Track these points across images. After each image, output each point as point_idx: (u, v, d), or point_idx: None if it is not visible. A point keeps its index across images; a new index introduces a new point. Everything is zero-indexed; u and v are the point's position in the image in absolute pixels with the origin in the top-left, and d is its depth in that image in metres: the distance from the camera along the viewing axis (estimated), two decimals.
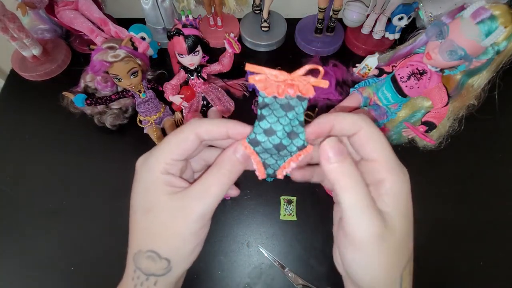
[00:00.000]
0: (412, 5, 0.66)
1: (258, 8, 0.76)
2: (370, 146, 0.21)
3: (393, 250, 0.20)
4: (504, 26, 0.36)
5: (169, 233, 0.21)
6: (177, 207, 0.21)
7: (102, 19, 0.65)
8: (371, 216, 0.19)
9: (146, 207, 0.22)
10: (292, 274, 0.51)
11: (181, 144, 0.22)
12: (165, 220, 0.21)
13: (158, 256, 0.21)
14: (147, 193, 0.22)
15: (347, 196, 0.19)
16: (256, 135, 0.21)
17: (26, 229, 0.56)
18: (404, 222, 0.21)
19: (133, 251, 0.22)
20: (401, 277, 0.21)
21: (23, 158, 0.62)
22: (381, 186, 0.20)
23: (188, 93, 0.59)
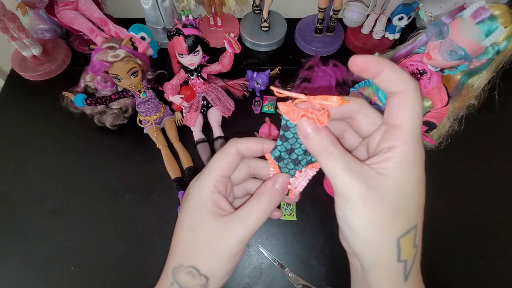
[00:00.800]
0: (412, 5, 0.66)
1: (258, 8, 0.76)
2: (402, 111, 0.20)
3: (382, 212, 0.20)
4: (504, 26, 0.36)
5: (211, 252, 0.23)
6: (221, 229, 0.23)
7: (102, 19, 0.65)
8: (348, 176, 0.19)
9: (193, 224, 0.23)
10: (292, 274, 0.51)
11: (226, 158, 0.24)
12: (209, 240, 0.23)
13: (199, 272, 0.23)
14: (196, 211, 0.24)
15: (324, 162, 0.21)
16: (281, 153, 0.24)
17: (26, 229, 0.56)
18: (405, 189, 0.20)
19: (173, 264, 0.24)
20: (398, 244, 0.20)
21: (23, 158, 0.62)
22: (390, 152, 0.20)
23: (188, 93, 0.59)
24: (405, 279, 0.21)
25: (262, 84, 0.65)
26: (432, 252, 0.49)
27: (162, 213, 0.56)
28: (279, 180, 0.24)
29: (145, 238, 0.55)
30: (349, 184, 0.20)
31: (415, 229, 0.21)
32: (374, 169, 0.20)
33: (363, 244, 0.21)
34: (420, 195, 0.21)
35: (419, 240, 0.22)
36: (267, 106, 0.66)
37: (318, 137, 0.21)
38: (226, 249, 0.23)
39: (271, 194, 0.24)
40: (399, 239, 0.20)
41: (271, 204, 0.23)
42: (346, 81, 0.64)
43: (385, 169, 0.20)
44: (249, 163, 0.26)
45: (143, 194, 0.58)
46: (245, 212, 0.23)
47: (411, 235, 0.21)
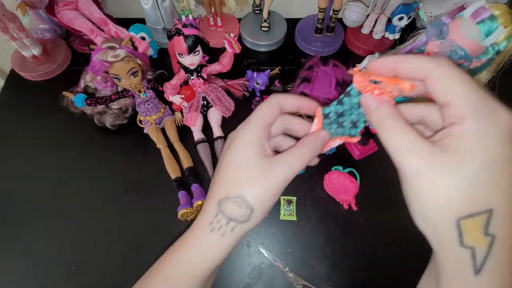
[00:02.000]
0: (412, 5, 0.66)
1: (258, 8, 0.76)
2: (440, 90, 0.19)
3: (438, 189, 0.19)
4: (504, 26, 0.36)
5: (258, 185, 0.24)
6: (267, 166, 0.25)
7: (102, 19, 0.65)
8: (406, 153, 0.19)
9: (241, 160, 0.25)
10: (292, 274, 0.51)
11: (271, 109, 0.27)
12: (257, 174, 0.24)
13: (245, 202, 0.24)
14: (244, 149, 0.25)
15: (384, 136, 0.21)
16: (330, 113, 0.26)
17: (26, 229, 0.56)
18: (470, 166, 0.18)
19: (219, 197, 0.25)
20: (457, 226, 0.18)
21: (23, 158, 0.62)
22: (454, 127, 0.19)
23: (188, 93, 0.59)
24: (476, 272, 0.19)
25: (262, 84, 0.65)
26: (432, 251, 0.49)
27: (162, 213, 0.56)
28: (321, 135, 0.27)
29: (145, 238, 0.55)
30: (405, 159, 0.19)
31: (487, 214, 0.18)
32: (436, 145, 0.19)
33: (423, 221, 0.20)
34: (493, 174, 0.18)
35: (497, 229, 0.18)
36: None
37: (379, 111, 0.22)
38: (271, 186, 0.24)
39: (313, 145, 0.26)
40: (459, 221, 0.18)
41: (311, 153, 0.26)
42: (346, 81, 0.64)
43: (447, 146, 0.19)
44: (284, 118, 0.28)
45: (143, 194, 0.58)
46: (288, 156, 0.25)
47: (478, 219, 0.18)
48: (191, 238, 0.27)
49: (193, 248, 0.26)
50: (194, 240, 0.27)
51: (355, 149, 0.61)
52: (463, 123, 0.18)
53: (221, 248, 0.26)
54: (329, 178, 0.56)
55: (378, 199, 0.57)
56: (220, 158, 0.27)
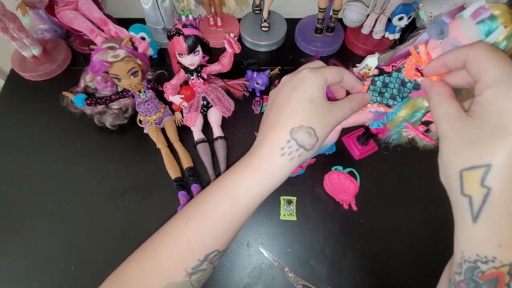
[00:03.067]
0: (412, 5, 0.66)
1: (258, 8, 0.76)
2: (472, 70, 0.23)
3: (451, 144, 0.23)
4: (504, 26, 0.36)
5: (323, 121, 0.29)
6: (330, 108, 0.29)
7: (102, 19, 0.65)
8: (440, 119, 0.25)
9: (312, 97, 0.29)
10: (292, 274, 0.51)
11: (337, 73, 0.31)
12: (323, 112, 0.29)
13: (315, 133, 0.28)
14: (314, 89, 0.29)
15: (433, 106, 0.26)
16: (377, 80, 0.33)
17: (26, 229, 0.56)
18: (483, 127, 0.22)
19: (292, 125, 0.28)
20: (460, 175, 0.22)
21: (23, 158, 0.62)
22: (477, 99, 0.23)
23: (188, 93, 0.59)
24: (473, 220, 0.22)
25: (262, 84, 0.65)
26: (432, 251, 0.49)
27: (162, 213, 0.56)
28: (366, 96, 0.33)
29: (145, 238, 0.55)
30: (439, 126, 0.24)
31: (485, 168, 0.21)
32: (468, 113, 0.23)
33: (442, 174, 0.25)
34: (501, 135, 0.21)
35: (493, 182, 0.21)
36: None
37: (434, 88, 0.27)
38: (332, 123, 0.29)
39: (360, 100, 0.32)
40: (461, 171, 0.22)
41: (357, 107, 0.32)
42: None
43: (472, 112, 0.23)
44: None
45: (143, 194, 0.58)
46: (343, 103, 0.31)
47: (478, 171, 0.21)
48: (259, 158, 0.29)
49: (262, 168, 0.29)
50: (261, 160, 0.29)
51: (355, 149, 0.61)
52: (483, 93, 0.22)
53: (287, 171, 0.29)
54: (329, 178, 0.56)
55: (378, 199, 0.57)
56: (280, 94, 0.30)
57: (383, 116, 0.54)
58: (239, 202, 0.29)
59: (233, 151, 0.62)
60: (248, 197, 0.29)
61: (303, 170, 0.59)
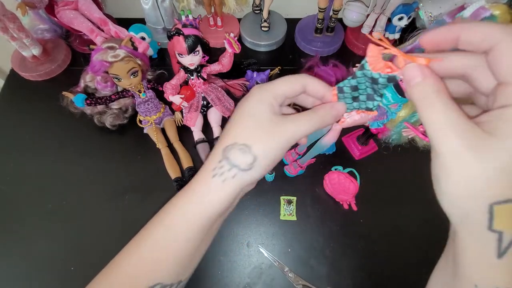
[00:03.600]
0: (412, 5, 0.66)
1: (258, 8, 0.76)
2: (503, 66, 0.18)
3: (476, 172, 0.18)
4: None
5: (265, 136, 0.25)
6: (276, 122, 0.25)
7: (102, 19, 0.65)
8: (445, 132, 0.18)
9: (252, 112, 0.26)
10: (292, 274, 0.51)
11: (293, 84, 0.27)
12: (266, 126, 0.25)
13: (250, 150, 0.25)
14: (256, 104, 0.26)
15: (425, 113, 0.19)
16: (344, 86, 0.26)
17: (26, 229, 0.56)
18: None
19: (225, 144, 0.26)
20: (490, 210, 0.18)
21: (23, 158, 0.62)
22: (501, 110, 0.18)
23: (188, 93, 0.59)
24: (498, 256, 0.19)
25: None
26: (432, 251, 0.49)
27: None
28: (337, 106, 0.27)
29: None
30: (444, 139, 0.18)
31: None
32: (481, 127, 0.18)
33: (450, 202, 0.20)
34: None
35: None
36: None
37: (423, 84, 0.19)
38: (278, 139, 0.25)
39: (325, 112, 0.26)
40: (492, 205, 0.18)
41: (322, 121, 0.26)
42: None
43: (494, 129, 0.17)
44: None
45: (143, 194, 0.58)
46: (299, 116, 0.26)
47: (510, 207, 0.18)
48: (193, 183, 0.27)
49: (193, 193, 0.27)
50: (195, 185, 0.27)
51: (355, 149, 0.61)
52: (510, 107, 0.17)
53: (221, 195, 0.25)
54: (329, 178, 0.56)
55: (378, 199, 0.57)
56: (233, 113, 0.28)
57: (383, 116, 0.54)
58: (170, 230, 0.27)
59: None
60: (181, 225, 0.26)
61: (303, 170, 0.59)
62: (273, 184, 0.59)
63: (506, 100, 0.18)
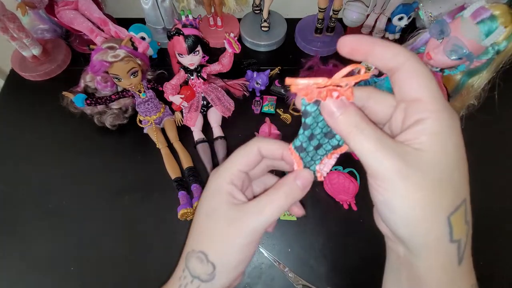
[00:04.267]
0: (412, 5, 0.66)
1: (258, 8, 0.76)
2: (413, 84, 0.18)
3: (426, 189, 0.18)
4: (504, 26, 0.36)
5: (220, 238, 0.22)
6: (233, 217, 0.22)
7: (102, 19, 0.65)
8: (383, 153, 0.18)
9: (208, 211, 0.23)
10: (292, 274, 0.51)
11: (247, 156, 0.24)
12: (221, 226, 0.22)
13: (206, 258, 0.22)
14: (212, 198, 0.24)
15: (354, 142, 0.19)
16: (302, 143, 0.22)
17: (26, 229, 0.56)
18: (448, 161, 0.18)
19: (187, 249, 0.24)
20: (449, 222, 0.18)
21: (23, 158, 0.62)
22: (420, 124, 0.18)
23: (188, 93, 0.59)
24: (459, 262, 0.19)
25: (262, 84, 0.65)
26: None
27: (162, 213, 0.56)
28: (301, 176, 0.23)
29: (145, 238, 0.55)
30: (385, 162, 0.18)
31: (464, 204, 0.19)
32: (407, 145, 0.18)
33: (409, 226, 0.19)
34: (464, 165, 0.19)
35: (469, 215, 0.20)
36: (267, 106, 0.66)
37: (346, 115, 0.19)
38: (236, 238, 0.22)
39: (290, 188, 0.22)
40: (449, 217, 0.18)
41: (288, 198, 0.22)
42: None
43: (420, 143, 0.18)
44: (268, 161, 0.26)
45: (143, 194, 0.58)
46: (260, 203, 0.22)
47: (461, 210, 0.19)
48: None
49: None
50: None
51: None
52: (434, 119, 0.18)
53: None
54: (329, 178, 0.56)
55: None
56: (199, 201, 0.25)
57: None
58: None
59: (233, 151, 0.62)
60: None
61: None
62: None
63: (420, 115, 0.18)
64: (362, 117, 0.19)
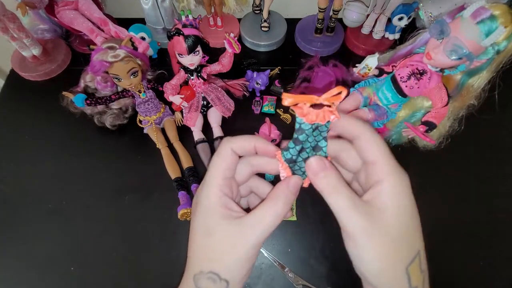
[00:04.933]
0: (412, 5, 0.66)
1: (258, 8, 0.76)
2: (370, 150, 0.23)
3: (387, 243, 0.21)
4: (504, 26, 0.36)
5: (229, 256, 0.23)
6: (236, 232, 0.23)
7: (102, 19, 0.65)
8: (354, 213, 0.21)
9: (207, 230, 0.24)
10: (292, 274, 0.51)
11: (224, 160, 0.25)
12: (226, 244, 0.23)
13: (219, 277, 0.23)
14: (207, 216, 0.24)
15: (332, 201, 0.22)
16: (292, 156, 0.24)
17: (26, 229, 0.56)
18: (403, 219, 0.22)
19: (193, 271, 0.24)
20: (407, 273, 0.22)
21: (23, 158, 0.62)
22: (379, 186, 0.22)
23: (188, 93, 0.59)
24: None
25: (262, 84, 0.65)
26: (432, 252, 0.49)
27: (162, 213, 0.56)
28: (292, 183, 0.25)
29: (145, 238, 0.55)
30: (355, 221, 0.21)
31: (419, 255, 0.22)
32: (371, 205, 0.22)
33: (375, 276, 0.22)
34: (417, 221, 0.23)
35: (424, 264, 0.23)
36: (267, 106, 0.66)
37: (327, 177, 0.23)
38: (243, 253, 0.23)
39: (285, 196, 0.24)
40: (407, 268, 0.22)
41: (285, 206, 0.24)
42: (346, 81, 0.64)
43: (380, 203, 0.22)
44: (250, 161, 0.27)
45: (143, 194, 0.58)
46: (259, 215, 0.23)
47: (416, 261, 0.22)
48: None
49: None
50: None
51: None
52: (385, 181, 0.22)
53: None
54: None
55: None
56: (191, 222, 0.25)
57: (383, 116, 0.54)
58: None
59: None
60: None
61: None
62: (273, 184, 0.59)
63: (377, 176, 0.22)
64: (339, 179, 0.23)
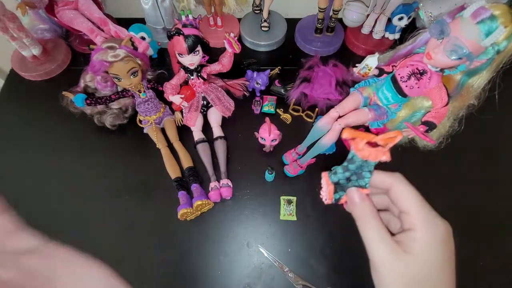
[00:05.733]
0: (412, 5, 0.66)
1: (258, 8, 0.76)
2: (401, 201, 0.25)
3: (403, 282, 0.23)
4: (504, 26, 0.36)
5: None
6: None
7: (102, 19, 0.65)
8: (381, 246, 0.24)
9: None
10: (292, 274, 0.51)
11: None
12: None
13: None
14: None
15: (364, 228, 0.25)
16: (339, 180, 0.28)
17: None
18: (427, 266, 0.23)
19: None
20: None
21: (23, 158, 0.62)
22: (411, 233, 0.24)
23: (188, 93, 0.59)
24: None
25: (262, 84, 0.65)
26: None
27: (162, 213, 0.56)
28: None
29: (145, 238, 0.55)
30: (381, 253, 0.24)
31: None
32: (400, 244, 0.24)
33: None
34: (445, 272, 0.24)
35: None
36: (267, 106, 0.66)
37: (363, 206, 0.26)
38: None
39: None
40: None
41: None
42: (346, 81, 0.64)
43: (409, 247, 0.23)
44: None
45: (143, 194, 0.58)
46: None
47: None
48: None
49: None
50: None
51: None
52: (417, 231, 0.24)
53: None
54: None
55: None
56: None
57: (383, 116, 0.54)
58: None
59: (233, 151, 0.62)
60: None
61: (303, 170, 0.59)
62: (273, 184, 0.59)
63: (409, 225, 0.24)
64: (373, 211, 0.26)
